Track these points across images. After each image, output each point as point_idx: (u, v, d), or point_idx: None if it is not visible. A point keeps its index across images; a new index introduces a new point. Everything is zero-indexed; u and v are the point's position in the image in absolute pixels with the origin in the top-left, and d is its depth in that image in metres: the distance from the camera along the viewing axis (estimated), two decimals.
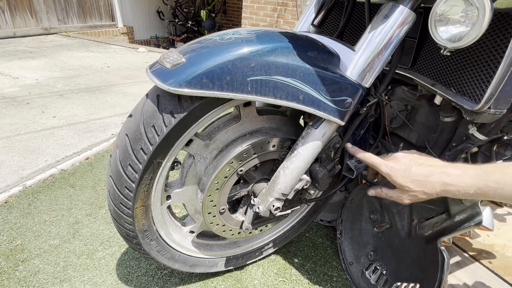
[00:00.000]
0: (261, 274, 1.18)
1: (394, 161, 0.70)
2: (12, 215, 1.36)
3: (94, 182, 1.64)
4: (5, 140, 1.94)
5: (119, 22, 6.32)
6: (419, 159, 0.69)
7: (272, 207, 0.83)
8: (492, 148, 0.98)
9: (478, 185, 0.56)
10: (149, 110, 0.67)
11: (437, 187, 0.63)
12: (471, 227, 0.79)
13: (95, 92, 2.92)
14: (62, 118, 2.32)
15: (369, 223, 1.17)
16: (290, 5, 4.57)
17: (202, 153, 0.83)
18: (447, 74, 0.85)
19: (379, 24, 0.70)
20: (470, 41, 0.61)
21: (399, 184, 0.68)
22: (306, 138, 0.78)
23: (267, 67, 0.63)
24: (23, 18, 4.89)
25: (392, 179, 0.70)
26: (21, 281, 1.07)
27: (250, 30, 0.70)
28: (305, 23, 0.99)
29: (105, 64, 3.92)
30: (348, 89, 0.71)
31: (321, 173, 0.84)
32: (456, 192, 0.60)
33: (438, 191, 0.63)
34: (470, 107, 0.76)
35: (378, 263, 1.09)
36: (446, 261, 0.82)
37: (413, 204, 0.99)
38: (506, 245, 1.30)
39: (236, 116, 0.85)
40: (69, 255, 1.19)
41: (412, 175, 0.66)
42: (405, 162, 0.69)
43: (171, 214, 0.96)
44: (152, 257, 0.91)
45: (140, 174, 0.71)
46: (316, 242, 1.35)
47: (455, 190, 0.60)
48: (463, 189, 0.59)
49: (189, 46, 0.68)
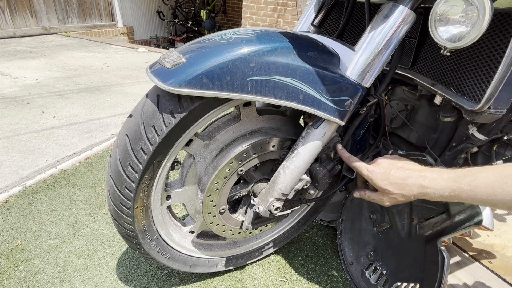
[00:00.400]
0: (261, 274, 1.18)
1: (374, 164, 0.74)
2: (12, 215, 1.36)
3: (94, 182, 1.64)
4: (5, 140, 1.94)
5: (119, 22, 6.32)
6: (398, 163, 0.71)
7: (272, 207, 0.83)
8: (492, 148, 0.98)
9: (452, 187, 0.58)
10: (149, 110, 0.67)
11: (414, 189, 0.65)
12: (471, 227, 0.79)
13: (95, 92, 2.92)
14: (62, 118, 2.32)
15: (369, 223, 1.17)
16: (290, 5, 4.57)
17: (202, 153, 0.83)
18: (447, 74, 0.85)
19: (379, 24, 0.70)
20: (470, 41, 0.61)
21: (379, 187, 0.71)
22: (306, 138, 0.78)
23: (267, 67, 0.63)
24: (23, 18, 4.88)
25: (372, 182, 0.73)
26: (21, 281, 1.07)
27: (250, 30, 0.70)
28: (305, 23, 0.99)
29: (105, 64, 3.92)
30: (348, 89, 0.71)
31: (321, 173, 0.84)
32: (432, 194, 0.62)
33: (416, 194, 0.65)
34: (470, 107, 0.76)
35: (378, 263, 1.09)
36: (446, 261, 0.82)
37: (413, 204, 0.99)
38: (506, 245, 1.30)
39: (236, 116, 0.85)
40: (69, 255, 1.19)
41: (391, 178, 0.69)
42: (385, 165, 0.72)
43: (171, 214, 0.96)
44: (152, 257, 0.91)
45: (140, 174, 0.71)
46: (316, 242, 1.35)
47: (431, 193, 0.62)
48: (438, 191, 0.61)
49: (189, 46, 0.68)
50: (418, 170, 0.67)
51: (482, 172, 0.56)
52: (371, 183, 0.73)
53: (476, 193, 0.55)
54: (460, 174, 0.59)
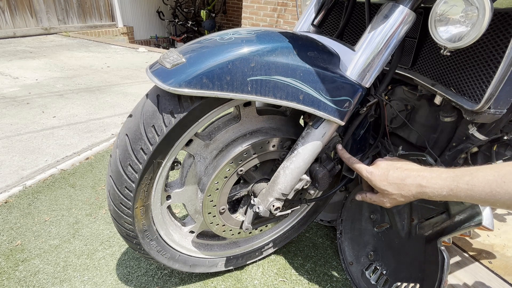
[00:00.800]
0: (261, 274, 1.18)
1: (373, 166, 0.74)
2: (12, 215, 1.36)
3: (94, 182, 1.64)
4: (5, 140, 1.94)
5: (119, 22, 6.32)
6: (397, 163, 0.72)
7: (272, 207, 0.83)
8: (492, 148, 0.98)
9: (450, 186, 0.59)
10: (149, 110, 0.67)
11: (413, 189, 0.65)
12: (471, 227, 0.79)
13: (95, 92, 2.92)
14: (62, 118, 2.32)
15: (369, 223, 1.17)
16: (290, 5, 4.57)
17: (202, 153, 0.83)
18: (447, 74, 0.85)
19: (379, 24, 0.70)
20: (470, 41, 0.61)
21: (378, 188, 0.72)
22: (306, 138, 0.78)
23: (267, 67, 0.63)
24: (23, 18, 4.88)
25: (372, 183, 0.73)
26: (21, 281, 1.07)
27: (250, 30, 0.70)
28: (305, 23, 0.99)
29: (105, 64, 3.92)
30: (348, 89, 0.71)
31: (321, 173, 0.84)
32: (431, 193, 0.62)
33: (414, 193, 0.65)
34: (470, 107, 0.76)
35: (378, 263, 1.09)
36: (446, 261, 0.82)
37: (413, 204, 0.99)
38: (506, 245, 1.30)
39: (236, 116, 0.85)
40: (69, 255, 1.19)
41: (390, 179, 0.69)
42: (383, 166, 0.72)
43: (171, 214, 0.96)
44: (152, 257, 0.91)
45: (140, 174, 0.71)
46: (316, 242, 1.35)
47: (429, 192, 0.62)
48: (437, 190, 0.61)
49: (189, 46, 0.68)
50: (417, 170, 0.67)
51: (481, 171, 0.56)
52: (371, 184, 0.74)
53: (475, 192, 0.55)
54: (458, 173, 0.59)
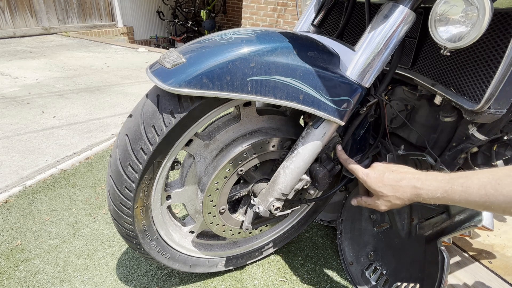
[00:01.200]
0: (261, 274, 1.18)
1: (370, 168, 0.75)
2: (12, 215, 1.36)
3: (94, 182, 1.64)
4: (5, 140, 1.94)
5: (119, 22, 6.32)
6: (393, 166, 0.72)
7: (272, 207, 0.83)
8: (492, 148, 0.98)
9: (445, 188, 0.59)
10: (149, 110, 0.67)
11: (408, 191, 0.65)
12: (471, 227, 0.79)
13: (95, 92, 2.92)
14: (62, 118, 2.32)
15: (369, 223, 1.17)
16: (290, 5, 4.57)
17: (202, 153, 0.83)
18: (447, 74, 0.85)
19: (379, 24, 0.70)
20: (470, 41, 0.61)
21: (373, 190, 0.72)
22: (306, 138, 0.78)
23: (267, 67, 0.63)
24: (23, 18, 4.88)
25: (367, 185, 0.73)
26: (21, 281, 1.07)
27: (250, 30, 0.70)
28: (305, 23, 0.99)
29: (105, 64, 3.92)
30: (348, 89, 0.71)
31: (321, 173, 0.84)
32: (425, 195, 0.62)
33: (409, 195, 0.66)
34: (470, 107, 0.76)
35: (378, 263, 1.09)
36: (446, 261, 0.82)
37: (413, 204, 0.99)
38: (506, 245, 1.30)
39: (236, 116, 0.85)
40: (69, 255, 1.19)
41: (385, 180, 0.70)
42: (379, 169, 0.73)
43: (171, 214, 0.96)
44: (152, 257, 0.91)
45: (140, 174, 0.71)
46: (316, 242, 1.35)
47: (424, 194, 0.63)
48: (431, 192, 0.61)
49: (189, 46, 0.68)
50: (412, 173, 0.68)
51: (476, 174, 0.56)
52: (366, 186, 0.74)
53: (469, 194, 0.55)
54: (453, 176, 0.59)
